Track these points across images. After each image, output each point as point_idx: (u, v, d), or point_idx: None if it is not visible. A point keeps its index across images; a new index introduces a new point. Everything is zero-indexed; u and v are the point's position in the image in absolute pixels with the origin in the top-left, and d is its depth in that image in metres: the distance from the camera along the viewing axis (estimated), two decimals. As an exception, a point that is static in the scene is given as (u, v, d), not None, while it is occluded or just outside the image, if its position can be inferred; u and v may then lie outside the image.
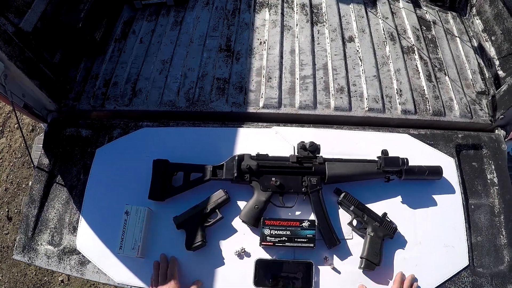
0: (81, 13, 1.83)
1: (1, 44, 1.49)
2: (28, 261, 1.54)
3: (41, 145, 1.77)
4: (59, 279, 2.65)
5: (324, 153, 1.55)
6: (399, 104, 1.79)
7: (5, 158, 3.07)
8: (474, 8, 2.06)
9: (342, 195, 1.49)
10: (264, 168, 1.51)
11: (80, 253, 1.52)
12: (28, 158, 3.04)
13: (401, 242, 1.47)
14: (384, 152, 1.51)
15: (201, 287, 1.43)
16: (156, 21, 2.14)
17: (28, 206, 1.63)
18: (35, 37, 1.74)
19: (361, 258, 1.41)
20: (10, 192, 2.94)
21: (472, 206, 1.55)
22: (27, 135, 3.11)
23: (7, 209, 2.89)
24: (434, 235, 1.48)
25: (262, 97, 1.82)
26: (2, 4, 1.57)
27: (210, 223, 1.47)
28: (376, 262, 1.38)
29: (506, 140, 1.69)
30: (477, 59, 1.96)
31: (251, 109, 1.80)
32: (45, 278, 2.67)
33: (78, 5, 1.86)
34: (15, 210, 2.88)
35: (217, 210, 1.49)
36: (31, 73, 1.65)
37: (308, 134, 1.68)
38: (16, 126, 3.19)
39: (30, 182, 1.69)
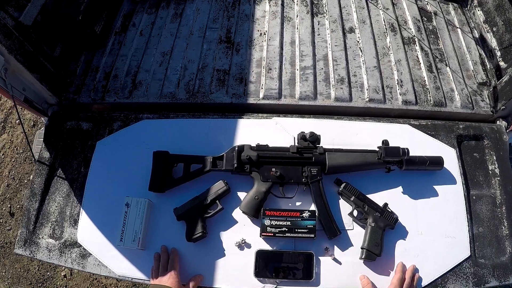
0: (81, 6, 1.83)
1: (1, 37, 1.49)
2: (29, 254, 1.54)
3: (42, 139, 1.78)
4: (62, 274, 2.66)
5: (325, 143, 1.55)
6: (400, 94, 1.78)
7: (7, 154, 3.08)
8: (476, -1, 2.05)
9: (342, 186, 1.49)
10: (264, 158, 1.51)
11: (81, 246, 1.52)
12: (29, 153, 3.04)
13: (402, 233, 1.46)
14: (385, 143, 1.51)
15: (201, 281, 1.43)
16: (156, 13, 2.14)
17: (29, 200, 1.63)
18: (35, 31, 1.73)
19: (362, 248, 1.41)
20: (12, 188, 2.95)
21: (474, 197, 1.54)
22: (28, 130, 3.11)
23: (9, 205, 2.90)
24: (436, 226, 1.47)
25: (262, 88, 1.82)
26: (2, -2, 1.58)
27: (210, 214, 1.46)
28: (377, 252, 1.38)
29: (507, 131, 1.68)
30: (478, 50, 1.95)
31: (251, 100, 1.79)
32: (48, 273, 2.68)
33: (78, -2, 1.86)
34: (17, 206, 2.89)
35: (217, 201, 1.48)
36: (32, 66, 1.65)
37: (309, 125, 1.67)
38: (17, 122, 3.20)
39: (31, 177, 1.69)
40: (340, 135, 1.65)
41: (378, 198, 1.50)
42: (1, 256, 2.76)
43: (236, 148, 1.52)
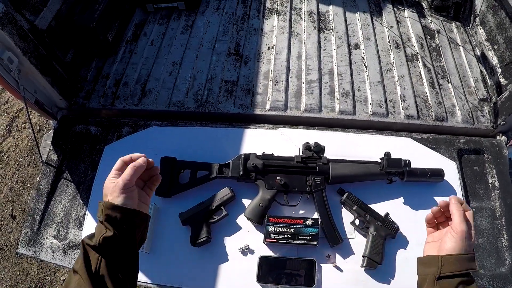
0: (95, 14, 1.89)
1: (16, 39, 1.54)
2: (33, 254, 1.55)
3: (50, 142, 1.80)
4: (61, 278, 2.65)
5: (328, 155, 1.57)
6: (402, 109, 1.82)
7: (11, 157, 3.11)
8: (478, 18, 2.11)
9: (345, 195, 1.51)
10: (269, 167, 1.53)
11: (85, 247, 1.54)
12: (34, 157, 3.07)
13: (403, 242, 1.48)
14: (387, 154, 1.54)
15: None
16: (167, 24, 2.20)
17: (35, 201, 1.66)
18: (49, 35, 1.79)
19: (363, 256, 1.42)
20: (15, 191, 2.96)
21: (474, 209, 1.56)
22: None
23: (11, 208, 2.90)
24: (436, 236, 1.49)
25: (269, 99, 1.86)
26: (19, 1, 1.63)
27: (215, 220, 1.48)
28: (378, 260, 1.40)
29: (507, 145, 1.72)
30: (479, 67, 2.01)
31: (257, 111, 1.83)
32: (47, 277, 2.68)
33: (92, 6, 1.93)
34: (19, 209, 2.89)
35: (222, 207, 1.50)
36: (44, 69, 1.70)
37: (313, 136, 1.70)
38: (23, 125, 3.23)
39: (38, 178, 1.71)
40: (343, 147, 1.69)
41: (380, 208, 1.52)
42: (0, 259, 2.76)
43: (243, 156, 1.54)
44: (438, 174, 1.54)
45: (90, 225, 1.58)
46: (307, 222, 1.44)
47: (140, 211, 0.89)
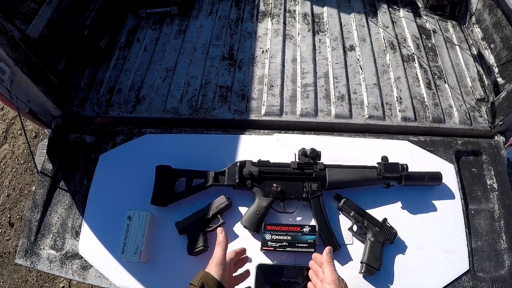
0: (87, 21, 1.87)
1: (8, 49, 1.52)
2: (30, 265, 1.54)
3: (45, 150, 1.79)
4: (60, 285, 2.65)
5: (325, 159, 1.56)
6: (399, 111, 1.81)
7: (8, 164, 3.10)
8: (474, 16, 2.10)
9: (342, 201, 1.50)
10: (265, 174, 1.52)
11: (82, 257, 1.53)
12: (31, 164, 3.06)
13: (401, 247, 1.47)
14: (384, 159, 1.52)
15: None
16: (160, 29, 2.18)
17: (31, 211, 1.64)
18: (41, 44, 1.77)
19: (361, 263, 1.41)
20: (12, 198, 2.95)
21: (472, 212, 1.55)
22: (30, 141, 3.13)
23: (9, 215, 2.90)
24: (434, 240, 1.48)
25: (264, 104, 1.85)
26: (9, 10, 1.61)
27: (211, 229, 1.47)
28: (376, 267, 1.39)
29: (505, 146, 1.71)
30: (476, 67, 1.99)
31: (253, 117, 1.82)
32: (46, 284, 2.68)
33: (84, 13, 1.91)
34: (17, 216, 2.89)
35: (218, 216, 1.49)
36: (37, 79, 1.68)
37: (309, 141, 1.69)
38: (19, 132, 3.22)
39: (33, 187, 1.70)
40: (340, 151, 1.67)
41: (378, 213, 1.51)
42: (-1, 267, 2.76)
43: (238, 164, 1.53)
44: (436, 177, 1.53)
45: (86, 235, 1.56)
46: (304, 229, 1.43)
47: None
